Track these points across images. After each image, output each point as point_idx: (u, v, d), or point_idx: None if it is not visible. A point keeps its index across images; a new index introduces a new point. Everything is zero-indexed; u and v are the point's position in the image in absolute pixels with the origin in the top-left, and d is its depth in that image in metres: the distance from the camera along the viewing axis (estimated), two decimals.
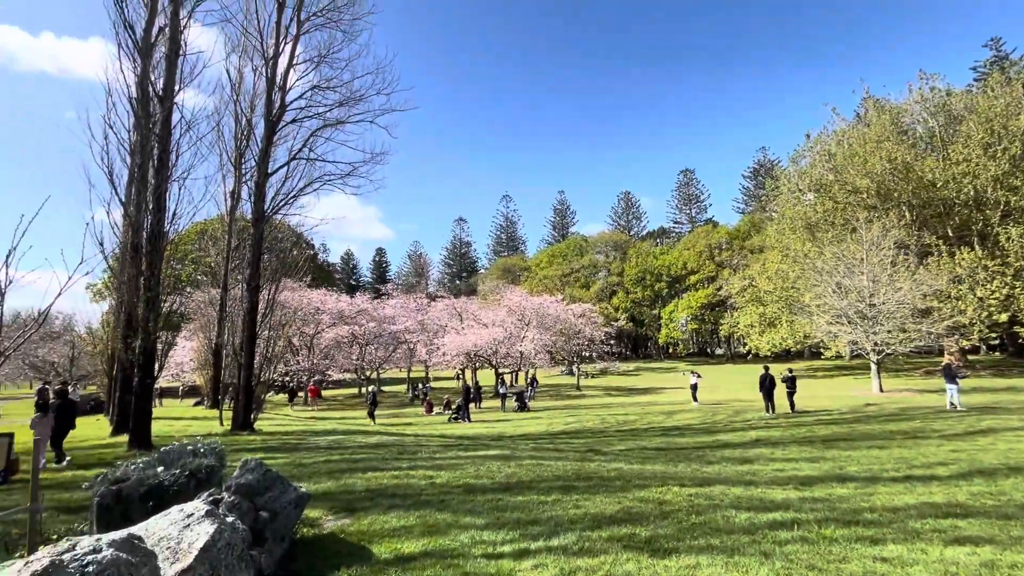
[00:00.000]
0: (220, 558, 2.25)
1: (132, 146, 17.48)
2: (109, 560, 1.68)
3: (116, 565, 1.69)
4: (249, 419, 16.90)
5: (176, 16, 14.64)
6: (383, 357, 41.77)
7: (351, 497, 7.63)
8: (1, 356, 4.39)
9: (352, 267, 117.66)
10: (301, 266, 24.70)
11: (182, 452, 6.38)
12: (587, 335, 42.25)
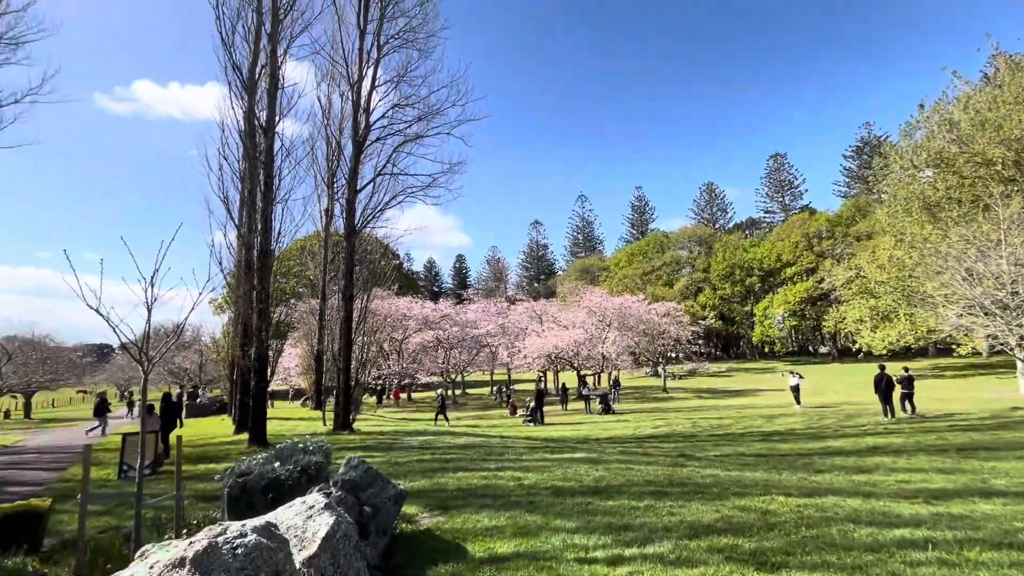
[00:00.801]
0: (339, 548, 2.44)
1: (242, 174, 19.54)
2: (253, 544, 1.89)
3: (259, 549, 1.89)
4: (348, 419, 18.12)
5: (274, 54, 16.17)
6: (467, 360, 43.00)
7: (444, 496, 7.90)
8: (149, 363, 5.08)
9: (434, 274, 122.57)
10: (389, 275, 26.15)
11: (294, 449, 6.98)
12: (672, 335, 40.57)
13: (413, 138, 20.39)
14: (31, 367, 39.97)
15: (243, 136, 17.37)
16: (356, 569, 2.66)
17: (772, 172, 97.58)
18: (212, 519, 6.70)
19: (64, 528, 6.94)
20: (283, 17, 16.48)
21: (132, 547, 5.27)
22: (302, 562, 2.24)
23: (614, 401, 29.67)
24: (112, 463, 11.34)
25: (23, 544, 5.72)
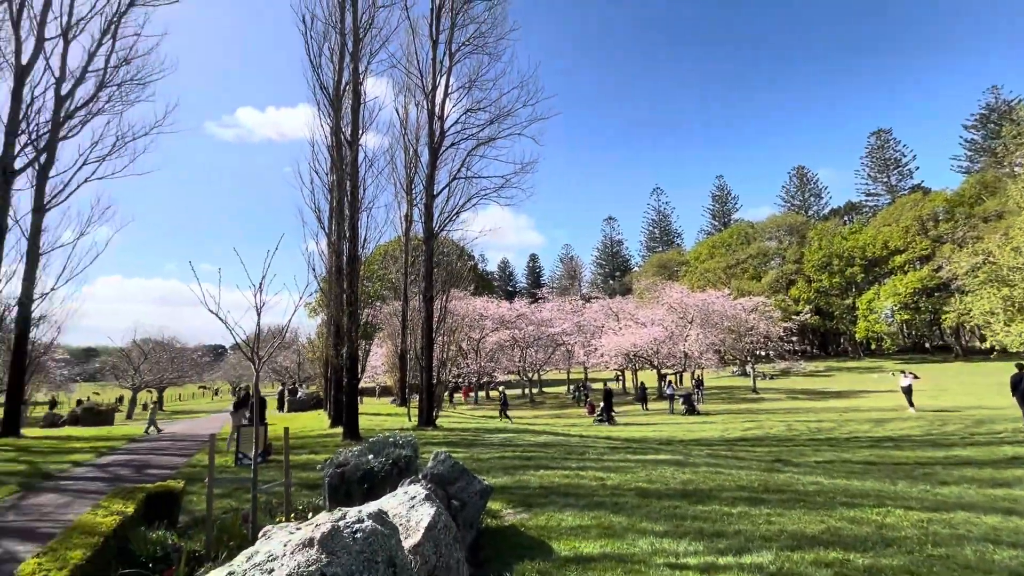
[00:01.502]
0: (440, 538, 2.55)
1: (330, 186, 20.97)
2: (370, 529, 2.03)
3: (375, 534, 2.03)
4: (432, 416, 18.84)
5: (356, 72, 17.19)
6: (542, 359, 43.09)
7: (527, 493, 7.96)
8: (259, 362, 5.61)
9: (508, 274, 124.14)
10: (465, 276, 26.86)
11: (385, 443, 7.37)
12: (762, 331, 37.96)
13: (485, 141, 20.80)
14: (162, 365, 45.67)
15: (330, 150, 18.67)
16: (456, 560, 2.76)
17: (875, 150, 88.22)
18: (316, 505, 7.26)
19: (193, 507, 7.83)
20: (363, 36, 17.47)
21: (250, 527, 5.84)
22: (408, 549, 2.36)
23: (698, 402, 28.33)
24: (229, 451, 12.64)
25: (163, 519, 6.53)
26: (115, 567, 4.90)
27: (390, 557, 1.99)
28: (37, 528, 7.42)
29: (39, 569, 4.09)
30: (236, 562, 1.84)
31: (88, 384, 68.00)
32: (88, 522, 5.39)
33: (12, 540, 6.92)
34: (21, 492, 9.77)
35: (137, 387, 44.24)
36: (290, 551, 1.82)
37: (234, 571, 1.77)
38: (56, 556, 4.38)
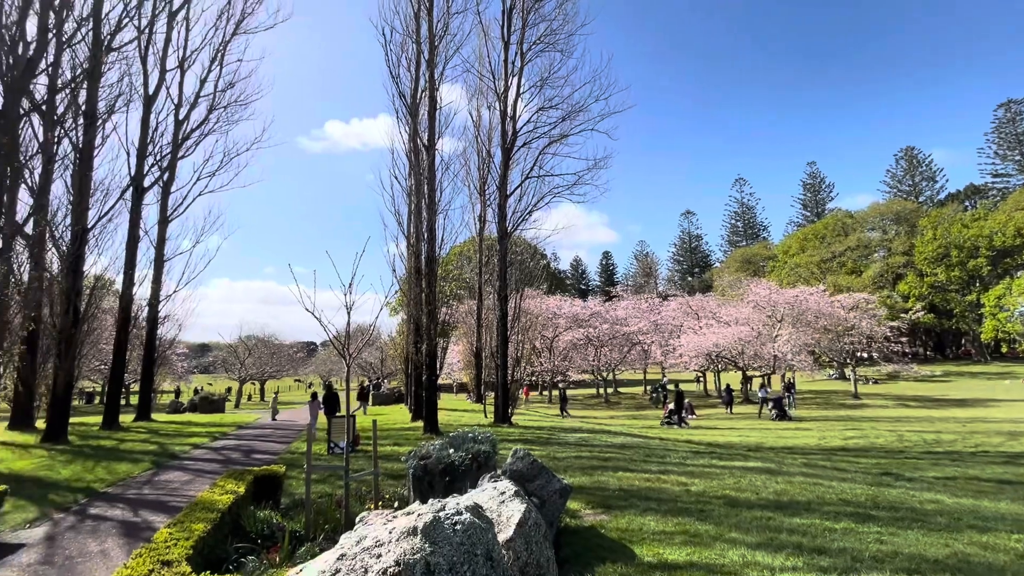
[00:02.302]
0: (531, 535, 2.56)
1: (408, 190, 21.88)
2: (469, 522, 2.09)
3: (474, 527, 2.08)
4: (507, 413, 19.07)
5: (432, 79, 17.79)
6: (617, 358, 42.13)
7: (605, 494, 7.81)
8: (350, 357, 5.98)
9: (581, 272, 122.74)
10: (539, 275, 26.91)
11: (464, 438, 7.54)
12: (864, 331, 34.47)
13: (558, 139, 20.69)
14: (263, 360, 50.15)
15: (408, 156, 19.49)
16: (547, 558, 2.75)
17: (1003, 124, 77.03)
18: (401, 495, 7.59)
19: (293, 491, 8.49)
20: (438, 43, 18.04)
21: (343, 512, 6.23)
22: (501, 544, 2.38)
23: (790, 406, 26.32)
24: (322, 440, 13.60)
25: (268, 500, 7.15)
26: (230, 541, 5.42)
27: (488, 551, 2.01)
28: (167, 502, 8.42)
29: (170, 538, 4.63)
30: (345, 545, 1.96)
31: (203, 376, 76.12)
32: (207, 499, 6.01)
33: (148, 511, 7.90)
34: (154, 469, 11.15)
35: (243, 379, 49.01)
36: (395, 538, 1.90)
37: (345, 554, 1.89)
38: (183, 527, 4.94)
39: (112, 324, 24.57)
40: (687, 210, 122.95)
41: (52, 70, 15.70)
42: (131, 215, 20.45)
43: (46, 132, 16.02)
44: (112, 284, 22.39)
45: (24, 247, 15.41)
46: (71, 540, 6.56)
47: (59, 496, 8.75)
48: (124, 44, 18.95)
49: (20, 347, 15.54)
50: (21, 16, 13.75)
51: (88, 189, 17.06)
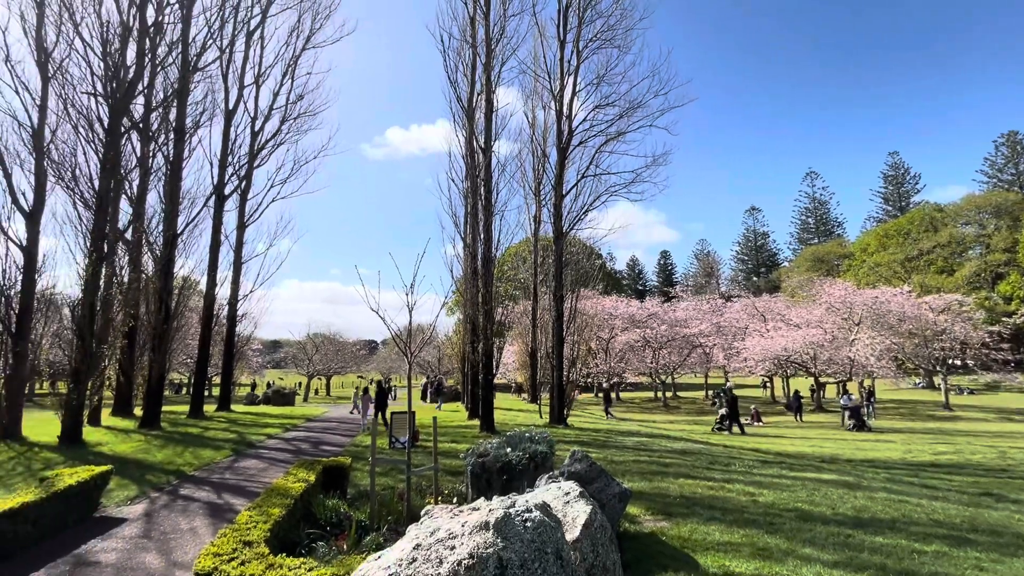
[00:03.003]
0: (597, 537, 2.53)
1: (465, 192, 22.25)
2: (539, 520, 2.11)
3: (544, 526, 2.10)
4: (563, 414, 18.96)
5: (489, 82, 18.01)
6: (677, 361, 40.76)
7: (666, 501, 7.58)
8: (412, 355, 6.17)
9: (638, 273, 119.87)
10: (594, 275, 26.57)
11: (521, 438, 7.57)
12: (957, 336, 31.33)
13: (614, 136, 20.35)
14: (329, 357, 52.80)
15: (465, 159, 19.84)
16: (613, 561, 2.71)
17: None
18: (459, 491, 7.74)
19: (358, 482, 8.86)
20: (494, 46, 18.25)
21: (405, 504, 6.43)
22: (568, 544, 2.38)
23: (869, 416, 24.40)
24: (384, 434, 14.12)
25: (336, 490, 7.51)
26: (302, 526, 5.75)
27: (558, 550, 2.01)
28: (246, 487, 9.06)
29: (250, 520, 4.97)
30: (420, 535, 2.03)
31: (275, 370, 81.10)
32: (282, 486, 6.41)
33: (229, 494, 8.53)
34: (234, 456, 12.02)
35: (310, 375, 51.85)
36: (468, 531, 1.95)
37: (420, 543, 1.95)
38: (261, 511, 5.28)
39: (197, 321, 26.72)
40: (752, 206, 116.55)
41: (148, 91, 17.31)
42: (214, 221, 22.18)
43: (143, 147, 17.70)
44: (197, 285, 24.36)
45: (124, 251, 17.10)
46: (165, 517, 7.20)
47: (154, 477, 9.62)
48: (208, 64, 20.59)
49: (122, 341, 17.26)
50: (122, 43, 15.28)
51: (178, 198, 18.68)
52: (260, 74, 24.76)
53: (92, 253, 13.99)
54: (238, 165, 23.79)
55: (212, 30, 19.68)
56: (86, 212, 14.59)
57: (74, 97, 14.67)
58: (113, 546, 6.03)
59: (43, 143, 14.23)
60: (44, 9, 14.34)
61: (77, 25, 14.70)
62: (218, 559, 4.05)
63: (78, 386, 13.10)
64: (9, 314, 13.38)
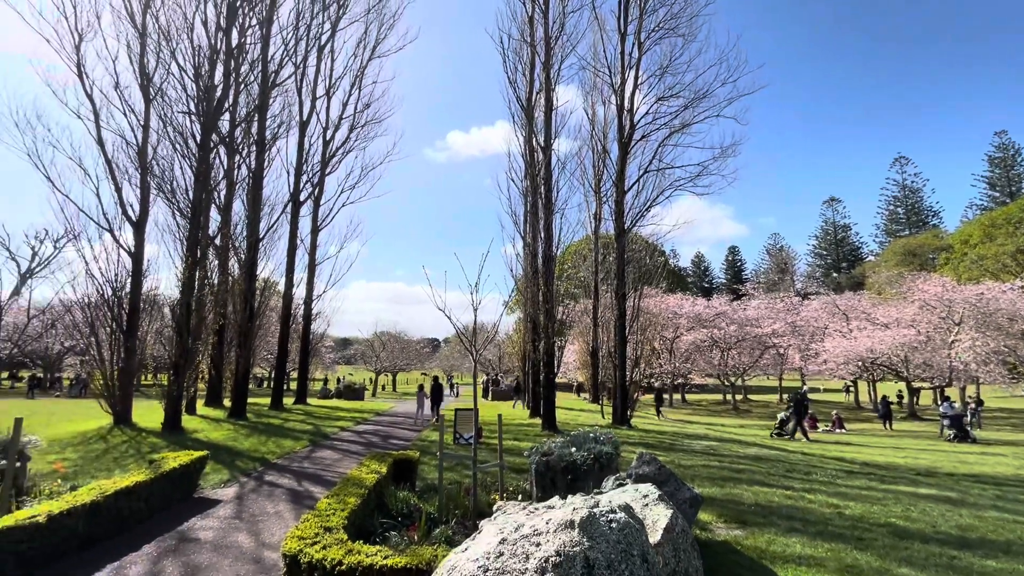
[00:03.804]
0: (679, 542, 2.46)
1: (524, 192, 22.30)
2: (624, 521, 2.08)
3: (629, 527, 2.07)
4: (626, 415, 18.57)
5: (548, 80, 17.96)
6: (747, 363, 38.70)
7: (740, 508, 7.23)
8: (477, 352, 6.27)
9: (703, 269, 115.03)
10: (658, 273, 25.79)
11: (586, 438, 7.50)
12: None
13: (679, 128, 19.64)
14: (395, 354, 54.89)
15: (525, 158, 19.90)
16: (695, 567, 2.62)
17: None
18: (524, 489, 7.79)
19: (425, 475, 9.14)
20: (553, 44, 18.18)
21: (471, 499, 6.56)
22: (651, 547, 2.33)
23: (973, 426, 21.96)
24: (449, 430, 14.49)
25: (405, 482, 7.79)
26: (376, 515, 6.01)
27: (643, 552, 1.97)
28: (322, 475, 9.61)
29: (329, 507, 5.26)
30: (504, 531, 2.06)
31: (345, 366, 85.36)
32: (356, 476, 6.73)
33: (308, 482, 9.09)
34: (311, 446, 12.79)
35: (378, 371, 54.17)
36: (552, 529, 1.95)
37: (505, 539, 1.98)
38: (339, 499, 5.58)
39: (276, 320, 28.66)
40: (831, 197, 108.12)
41: (232, 107, 18.76)
42: (290, 226, 23.70)
43: (229, 160, 19.23)
44: (276, 286, 26.13)
45: (214, 256, 18.68)
46: (253, 501, 7.79)
47: (243, 463, 10.43)
48: (284, 80, 22.01)
49: (213, 338, 18.86)
50: (211, 65, 16.67)
51: (259, 206, 20.13)
52: (331, 86, 26.14)
53: (188, 258, 15.39)
54: (311, 173, 25.27)
55: (288, 48, 21.04)
56: (182, 220, 16.07)
57: (171, 116, 16.19)
58: (210, 525, 6.59)
59: (146, 159, 15.81)
60: (146, 38, 15.93)
61: (173, 51, 16.20)
62: (302, 542, 4.33)
63: (177, 378, 14.46)
64: (121, 313, 14.98)
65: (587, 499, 2.29)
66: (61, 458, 10.02)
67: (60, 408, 21.85)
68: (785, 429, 19.81)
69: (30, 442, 7.35)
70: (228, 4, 16.91)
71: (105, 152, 15.08)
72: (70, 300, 16.09)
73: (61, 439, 12.12)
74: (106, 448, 11.35)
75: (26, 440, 7.03)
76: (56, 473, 8.45)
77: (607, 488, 4.84)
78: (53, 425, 14.83)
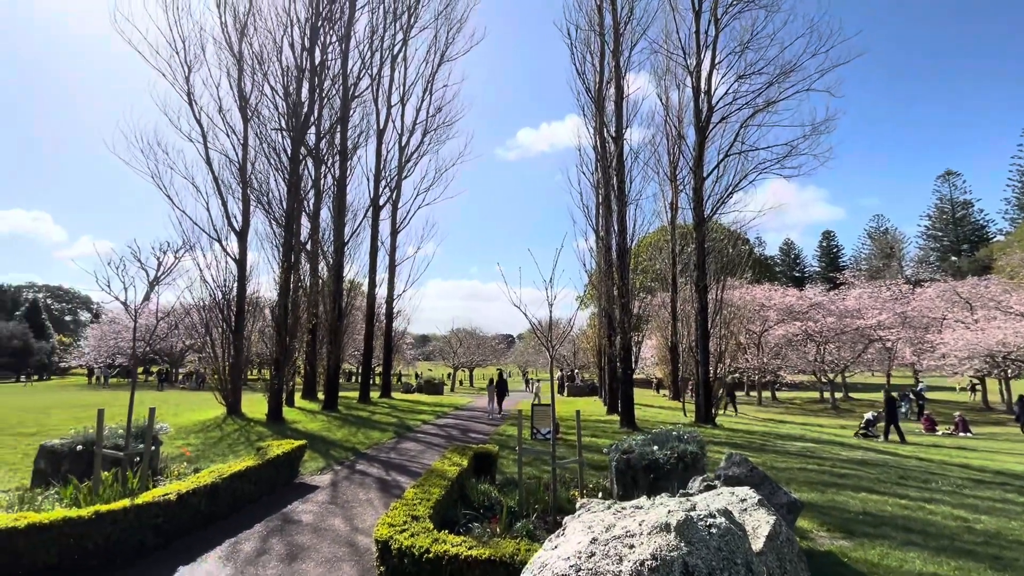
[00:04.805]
0: (783, 551, 2.29)
1: (596, 184, 21.90)
2: (725, 527, 1.97)
3: (731, 533, 1.96)
4: (710, 413, 17.68)
5: (618, 67, 17.47)
6: (848, 358, 35.32)
7: (845, 517, 6.62)
8: (553, 348, 6.24)
9: (793, 258, 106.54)
10: (742, 263, 24.25)
11: (668, 436, 7.21)
12: None
13: (762, 107, 18.28)
14: (471, 350, 56.31)
15: (596, 150, 19.51)
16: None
17: None
18: (603, 486, 7.65)
19: (504, 469, 9.26)
20: (623, 30, 17.64)
21: (551, 494, 6.54)
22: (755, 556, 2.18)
23: None
24: (526, 426, 14.61)
25: (485, 475, 7.93)
26: (458, 506, 6.18)
27: (748, 562, 1.83)
28: (407, 466, 10.06)
29: (415, 497, 5.48)
30: (594, 530, 2.02)
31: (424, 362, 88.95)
32: (439, 468, 6.96)
33: (395, 472, 9.55)
34: (396, 438, 13.45)
35: (456, 367, 55.88)
36: (646, 531, 1.87)
37: (596, 538, 1.94)
38: (423, 490, 5.80)
39: (361, 319, 30.43)
40: (947, 171, 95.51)
41: (317, 121, 20.12)
42: (372, 230, 25.02)
43: (316, 170, 20.65)
44: (360, 287, 27.72)
45: (305, 260, 20.18)
46: (346, 488, 8.32)
47: (336, 452, 11.18)
48: (362, 92, 23.23)
49: (307, 336, 20.40)
50: (298, 84, 18.00)
51: (343, 212, 21.44)
52: (404, 93, 27.25)
53: (284, 263, 16.74)
54: (389, 178, 26.51)
55: (364, 61, 22.18)
56: (278, 229, 17.51)
57: (265, 134, 17.67)
58: (309, 508, 7.13)
59: (246, 174, 17.38)
60: (243, 64, 17.49)
61: (265, 74, 17.66)
62: (392, 529, 4.54)
63: (278, 374, 15.80)
64: (229, 315, 16.63)
65: (681, 501, 2.16)
66: (186, 443, 11.31)
67: (184, 399, 24.72)
68: (873, 430, 17.99)
69: (161, 429, 8.37)
70: (311, 25, 18.11)
71: (213, 170, 16.77)
72: (189, 304, 18.10)
73: (185, 427, 13.69)
74: (221, 436, 12.65)
75: (158, 427, 8.00)
76: (183, 457, 9.55)
77: (693, 489, 4.61)
78: (179, 414, 16.78)
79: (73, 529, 4.76)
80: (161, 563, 5.21)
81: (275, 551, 5.58)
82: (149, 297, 36.05)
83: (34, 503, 5.97)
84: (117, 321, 44.59)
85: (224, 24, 17.09)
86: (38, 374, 55.50)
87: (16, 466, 8.95)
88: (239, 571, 5.06)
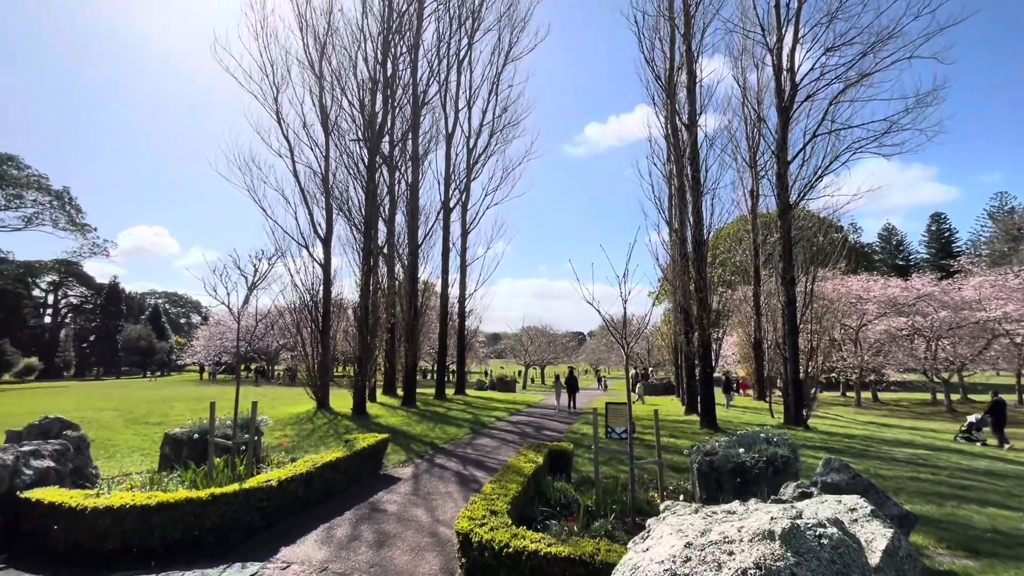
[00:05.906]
0: (904, 568, 2.08)
1: (668, 175, 21.08)
2: (838, 538, 1.83)
3: (844, 545, 1.81)
4: (801, 414, 16.44)
5: (689, 52, 16.69)
6: (966, 355, 31.33)
7: (968, 534, 5.89)
8: (627, 344, 6.08)
9: (895, 244, 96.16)
10: (834, 252, 22.28)
11: (755, 438, 6.79)
12: None
13: (855, 81, 16.67)
14: (542, 348, 56.41)
15: (667, 139, 18.78)
16: None
17: None
18: (684, 489, 7.35)
19: (579, 467, 9.18)
20: (694, 11, 16.82)
21: (630, 495, 6.39)
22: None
23: None
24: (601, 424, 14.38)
25: (560, 473, 7.91)
26: (535, 503, 6.21)
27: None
28: (483, 461, 10.26)
29: (493, 492, 5.57)
30: (688, 534, 1.94)
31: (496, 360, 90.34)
32: (515, 464, 7.03)
33: (471, 467, 9.78)
34: (472, 434, 13.77)
35: (527, 364, 56.24)
36: (747, 538, 1.77)
37: (691, 542, 1.86)
38: (500, 485, 5.88)
39: (435, 318, 31.46)
40: None
41: (391, 130, 21.05)
42: (443, 231, 25.78)
43: (391, 177, 21.61)
44: (433, 287, 28.64)
45: (383, 263, 21.19)
46: (427, 480, 8.64)
47: (416, 446, 11.65)
48: (431, 98, 23.97)
49: (386, 335, 21.43)
50: (372, 95, 18.93)
51: (417, 215, 22.26)
52: (471, 96, 27.77)
53: (364, 266, 17.70)
54: (458, 180, 27.15)
55: (432, 68, 22.87)
56: (357, 234, 18.54)
57: (344, 145, 18.75)
58: (394, 499, 7.48)
59: (328, 185, 18.55)
60: (323, 81, 18.68)
61: (343, 88, 18.74)
62: (472, 522, 4.65)
63: (361, 371, 16.74)
64: (317, 316, 17.85)
65: (785, 508, 2.00)
66: (283, 435, 12.29)
67: (279, 394, 26.89)
68: (976, 435, 16.01)
69: (262, 421, 9.16)
70: (383, 39, 18.97)
71: (299, 182, 18.06)
72: (281, 306, 19.65)
73: (281, 419, 14.88)
74: (312, 428, 13.62)
75: (260, 419, 8.76)
76: (280, 447, 10.39)
77: (786, 496, 4.29)
78: (275, 407, 18.28)
79: (194, 508, 5.34)
80: (265, 544, 5.70)
81: (364, 537, 5.91)
82: (248, 300, 39.64)
83: (161, 484, 6.76)
84: (222, 323, 49.47)
85: (306, 45, 18.34)
86: (160, 370, 63.16)
87: (147, 451, 10.19)
88: (334, 555, 5.42)
